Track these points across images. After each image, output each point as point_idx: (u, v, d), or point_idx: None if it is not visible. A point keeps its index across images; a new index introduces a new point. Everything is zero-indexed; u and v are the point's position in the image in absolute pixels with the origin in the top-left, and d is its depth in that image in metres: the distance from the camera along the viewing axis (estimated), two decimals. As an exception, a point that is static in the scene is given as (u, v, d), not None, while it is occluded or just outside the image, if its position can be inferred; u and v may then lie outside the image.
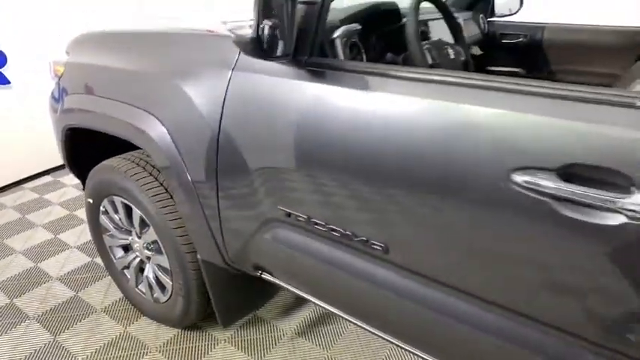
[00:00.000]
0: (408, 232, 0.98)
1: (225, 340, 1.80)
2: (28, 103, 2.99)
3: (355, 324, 1.23)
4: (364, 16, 1.31)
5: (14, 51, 2.94)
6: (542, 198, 0.76)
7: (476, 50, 2.11)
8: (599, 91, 0.74)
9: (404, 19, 1.61)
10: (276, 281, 1.39)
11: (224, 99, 1.19)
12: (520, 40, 2.17)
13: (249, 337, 1.81)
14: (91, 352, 1.74)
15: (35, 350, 1.75)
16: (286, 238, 1.22)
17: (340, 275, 1.14)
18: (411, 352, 1.15)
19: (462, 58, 1.47)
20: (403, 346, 1.15)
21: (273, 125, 1.12)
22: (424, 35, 1.61)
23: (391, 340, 1.16)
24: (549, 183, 0.75)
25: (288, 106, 1.08)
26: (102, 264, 2.05)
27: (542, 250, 0.81)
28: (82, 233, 2.53)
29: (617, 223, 0.71)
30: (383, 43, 1.37)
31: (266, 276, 1.42)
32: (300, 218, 1.15)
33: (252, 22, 0.94)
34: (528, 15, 2.29)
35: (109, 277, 2.05)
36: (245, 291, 1.65)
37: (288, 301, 2.01)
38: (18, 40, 2.95)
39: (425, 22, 1.63)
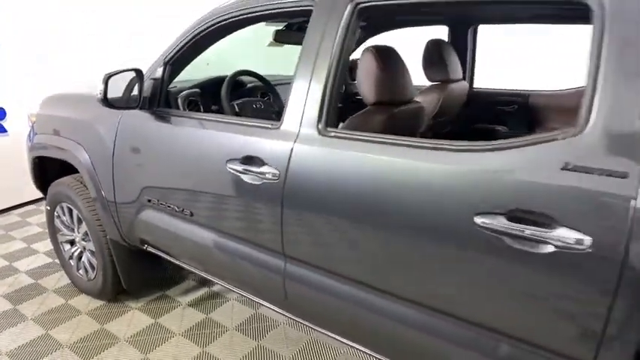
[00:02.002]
0: (198, 202, 1.75)
1: (136, 308, 2.51)
2: (20, 147, 3.82)
3: (184, 266, 1.99)
4: (205, 85, 2.18)
5: (11, 107, 3.81)
6: (236, 174, 1.54)
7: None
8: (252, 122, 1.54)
9: (249, 85, 2.48)
10: (155, 251, 2.14)
11: (115, 134, 2.01)
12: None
13: (153, 307, 2.51)
14: (40, 314, 2.45)
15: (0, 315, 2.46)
16: (149, 215, 1.98)
17: (175, 232, 1.89)
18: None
19: (274, 109, 2.30)
20: (206, 276, 1.89)
21: (136, 149, 1.92)
22: (265, 95, 2.47)
23: (201, 273, 1.91)
24: (240, 167, 1.53)
25: (142, 136, 1.89)
26: (59, 262, 2.79)
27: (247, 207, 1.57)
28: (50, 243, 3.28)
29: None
30: (214, 100, 2.20)
31: (150, 249, 2.16)
32: (154, 201, 1.92)
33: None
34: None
35: (63, 270, 2.78)
36: (142, 262, 2.38)
37: (191, 285, 2.73)
38: (14, 98, 3.80)
39: (268, 85, 2.49)
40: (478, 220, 1.07)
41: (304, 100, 1.41)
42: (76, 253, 2.58)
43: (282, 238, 1.48)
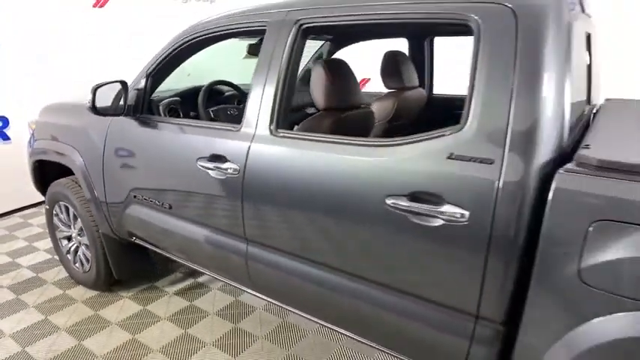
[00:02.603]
0: (175, 196, 2.00)
1: (127, 297, 2.75)
2: (22, 153, 4.08)
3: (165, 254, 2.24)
4: (184, 94, 2.45)
5: (14, 116, 4.08)
6: (205, 170, 1.79)
7: (309, 110, 3.21)
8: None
9: (227, 93, 2.74)
10: (141, 242, 2.39)
11: (105, 138, 2.27)
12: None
13: (142, 296, 2.76)
14: (40, 303, 2.70)
15: (3, 303, 2.71)
16: (135, 209, 2.24)
17: (157, 224, 2.14)
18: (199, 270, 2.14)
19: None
20: (185, 262, 2.15)
21: (122, 151, 2.18)
22: (241, 102, 2.73)
23: (181, 260, 2.16)
24: (208, 164, 1.78)
25: (127, 139, 2.16)
26: (58, 257, 3.05)
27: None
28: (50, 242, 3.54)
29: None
30: (192, 108, 2.46)
31: (137, 240, 2.42)
32: (139, 197, 2.18)
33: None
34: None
35: (62, 265, 3.04)
36: (131, 254, 2.63)
37: (178, 277, 2.98)
38: (16, 107, 4.06)
39: (242, 93, 2.76)
40: (389, 201, 1.31)
41: (259, 106, 1.66)
42: (72, 248, 2.83)
43: (244, 224, 1.73)
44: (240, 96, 2.74)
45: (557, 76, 1.16)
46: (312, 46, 3.16)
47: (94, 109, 2.02)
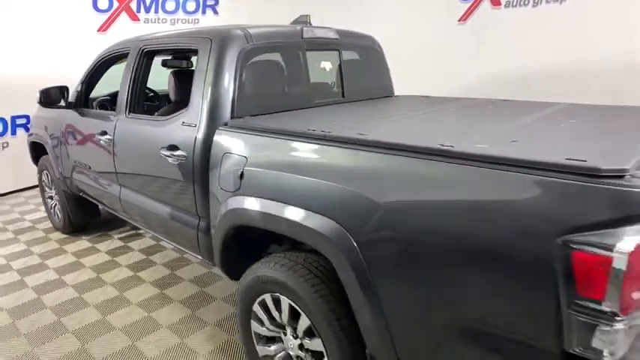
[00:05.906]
0: (90, 159, 3.09)
1: (85, 239, 3.90)
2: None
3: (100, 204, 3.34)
4: (113, 94, 3.54)
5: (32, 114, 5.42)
6: (99, 140, 2.86)
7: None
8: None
9: (149, 95, 3.83)
10: (84, 195, 3.51)
11: (62, 125, 3.41)
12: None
13: (95, 239, 3.90)
14: (28, 240, 3.92)
15: (5, 240, 3.94)
16: (77, 172, 3.36)
17: (85, 180, 3.25)
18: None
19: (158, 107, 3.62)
20: (98, 203, 3.24)
21: (69, 133, 3.31)
22: (159, 100, 3.80)
23: (98, 203, 3.26)
24: (100, 136, 2.85)
25: (70, 125, 3.28)
26: (46, 213, 4.27)
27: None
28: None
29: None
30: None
31: (83, 195, 3.54)
32: (77, 164, 3.30)
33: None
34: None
35: (48, 218, 4.26)
36: (83, 204, 3.75)
37: (126, 228, 4.09)
38: (35, 108, 5.39)
39: (157, 95, 3.82)
40: (162, 152, 2.29)
41: (121, 100, 2.71)
42: (53, 205, 4.03)
43: (116, 174, 2.78)
44: (157, 96, 3.82)
45: (228, 79, 2.09)
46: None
47: (42, 103, 3.17)
